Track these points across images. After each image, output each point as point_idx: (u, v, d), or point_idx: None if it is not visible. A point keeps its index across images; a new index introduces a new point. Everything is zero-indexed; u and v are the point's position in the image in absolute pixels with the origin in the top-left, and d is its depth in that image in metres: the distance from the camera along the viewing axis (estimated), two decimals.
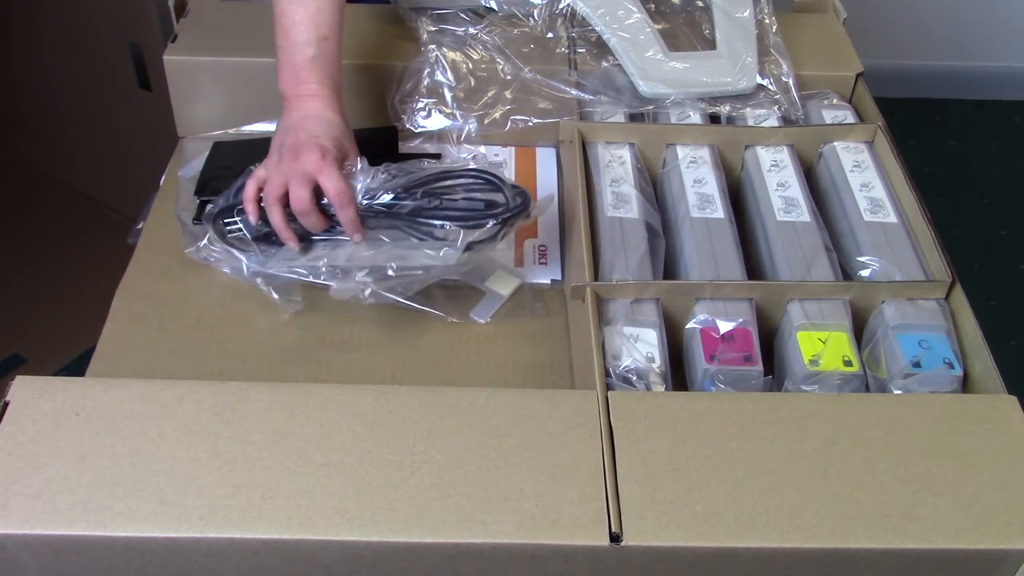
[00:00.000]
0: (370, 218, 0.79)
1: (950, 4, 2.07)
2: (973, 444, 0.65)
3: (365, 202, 0.78)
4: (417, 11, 1.01)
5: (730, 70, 0.97)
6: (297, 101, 0.82)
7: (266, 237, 0.81)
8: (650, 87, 0.96)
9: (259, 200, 0.79)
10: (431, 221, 0.78)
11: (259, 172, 0.80)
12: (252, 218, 0.80)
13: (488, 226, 0.77)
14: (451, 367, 0.79)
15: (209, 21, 1.01)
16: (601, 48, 0.99)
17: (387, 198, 0.78)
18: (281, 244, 0.81)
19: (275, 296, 0.82)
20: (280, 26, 0.83)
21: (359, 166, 0.79)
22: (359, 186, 0.78)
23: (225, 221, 0.82)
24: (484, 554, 0.60)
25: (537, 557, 0.60)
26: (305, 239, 0.81)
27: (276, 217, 0.78)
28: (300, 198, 0.77)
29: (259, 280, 0.83)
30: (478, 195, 0.79)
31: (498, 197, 0.78)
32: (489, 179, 0.79)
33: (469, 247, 0.77)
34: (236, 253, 0.83)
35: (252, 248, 0.82)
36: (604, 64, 0.98)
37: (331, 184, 0.76)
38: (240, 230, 0.81)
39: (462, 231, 0.77)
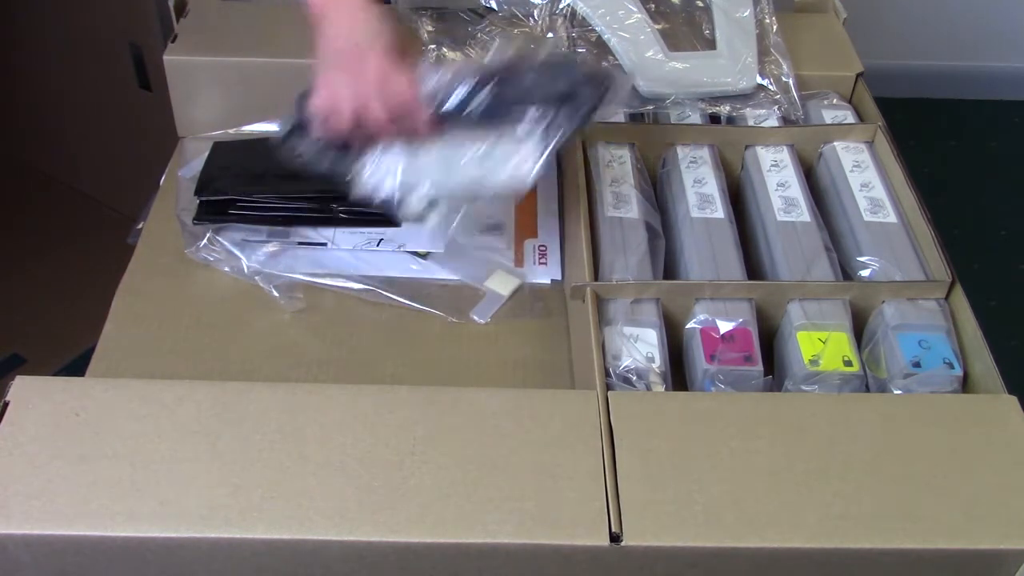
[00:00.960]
0: (443, 121, 0.75)
1: (950, 4, 2.07)
2: (973, 444, 0.65)
3: (439, 100, 0.74)
4: (417, 11, 1.01)
5: (730, 70, 0.97)
6: (333, 4, 0.76)
7: (339, 147, 0.77)
8: (650, 87, 0.96)
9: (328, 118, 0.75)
10: (510, 124, 0.74)
11: (321, 98, 0.74)
12: (354, 142, 0.75)
13: (579, 115, 0.74)
14: (451, 367, 0.79)
15: (209, 21, 1.01)
16: (601, 48, 0.99)
17: (461, 94, 0.74)
18: (349, 153, 0.77)
19: (275, 294, 0.82)
20: None
21: (425, 63, 0.75)
22: (431, 84, 0.74)
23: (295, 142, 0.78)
24: (484, 554, 0.60)
25: (537, 557, 0.60)
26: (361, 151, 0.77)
27: (376, 125, 0.74)
28: (392, 102, 0.73)
29: (259, 279, 0.83)
30: (559, 83, 0.75)
31: (574, 82, 0.74)
32: (564, 64, 0.75)
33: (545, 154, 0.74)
34: (236, 252, 0.82)
35: (328, 157, 0.77)
36: (604, 64, 0.98)
37: (401, 88, 0.73)
38: (316, 143, 0.77)
39: (542, 130, 0.73)
